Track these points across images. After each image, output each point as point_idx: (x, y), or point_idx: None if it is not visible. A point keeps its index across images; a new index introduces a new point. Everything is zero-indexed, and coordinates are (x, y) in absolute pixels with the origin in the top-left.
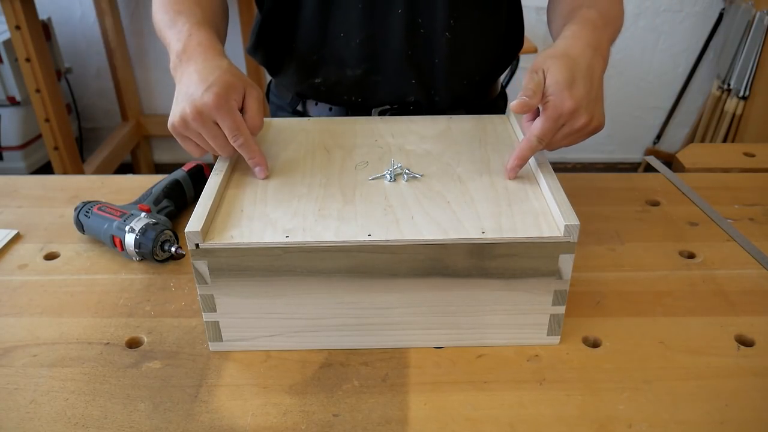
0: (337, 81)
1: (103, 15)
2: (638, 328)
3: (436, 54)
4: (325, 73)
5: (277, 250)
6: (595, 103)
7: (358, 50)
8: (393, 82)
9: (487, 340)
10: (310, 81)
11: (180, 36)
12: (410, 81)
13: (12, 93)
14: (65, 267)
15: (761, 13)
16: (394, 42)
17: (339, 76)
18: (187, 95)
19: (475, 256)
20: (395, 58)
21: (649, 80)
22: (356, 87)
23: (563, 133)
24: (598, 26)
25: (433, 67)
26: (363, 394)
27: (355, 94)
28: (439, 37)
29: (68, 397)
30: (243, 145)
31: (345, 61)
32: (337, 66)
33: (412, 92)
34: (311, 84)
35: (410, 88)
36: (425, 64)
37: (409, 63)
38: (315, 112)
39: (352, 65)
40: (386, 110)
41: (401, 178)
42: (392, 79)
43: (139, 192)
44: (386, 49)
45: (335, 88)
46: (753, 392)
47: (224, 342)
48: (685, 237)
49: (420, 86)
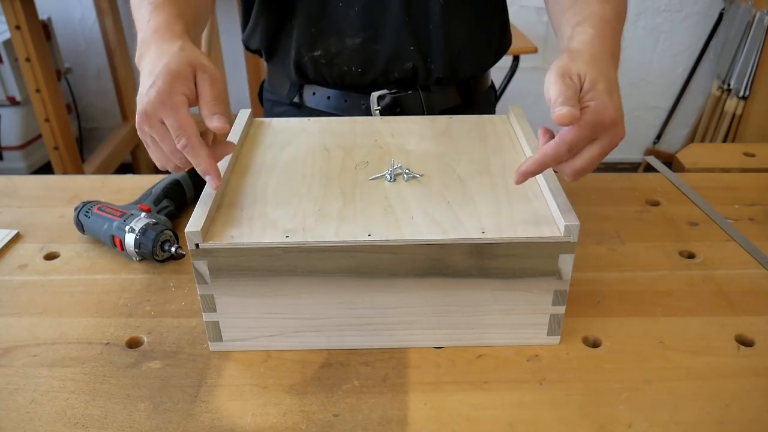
0: (337, 52)
1: (103, 15)
2: (638, 328)
3: (431, 21)
4: (325, 45)
5: (277, 250)
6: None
7: (357, 19)
8: (391, 49)
9: (487, 340)
10: (310, 54)
11: (141, 24)
12: (408, 48)
13: (12, 93)
14: (65, 267)
15: (761, 13)
16: (392, 9)
17: (339, 47)
18: (140, 95)
19: (475, 256)
20: (393, 26)
21: (649, 80)
22: (356, 56)
23: (599, 146)
24: (614, 29)
25: (429, 34)
26: (363, 394)
27: (355, 64)
28: (433, 4)
29: (68, 397)
30: (186, 147)
31: (344, 30)
32: (336, 36)
33: (410, 59)
34: (311, 57)
35: (408, 55)
36: (421, 30)
37: (406, 30)
38: (312, 101)
39: (351, 34)
40: (384, 95)
41: (401, 178)
42: (391, 46)
43: (139, 192)
44: (384, 16)
45: (335, 59)
46: (753, 392)
47: (224, 342)
48: (685, 237)
49: (417, 53)
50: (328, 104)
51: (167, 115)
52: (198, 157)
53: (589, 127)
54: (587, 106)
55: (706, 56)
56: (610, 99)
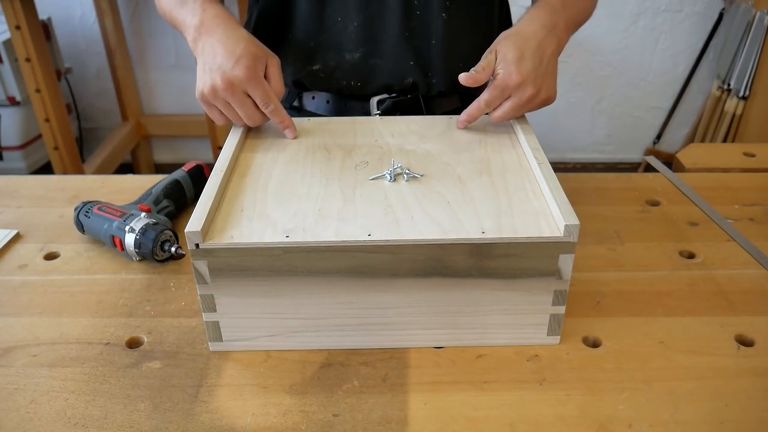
0: (336, 66)
1: (103, 15)
2: (638, 328)
3: (432, 35)
4: (324, 60)
5: (277, 250)
6: (544, 78)
7: (356, 34)
8: (391, 64)
9: (487, 340)
10: (309, 68)
11: (195, 11)
12: (408, 63)
13: (12, 93)
14: (65, 267)
15: (761, 13)
16: (392, 24)
17: (337, 62)
18: (216, 66)
19: (475, 256)
20: (393, 41)
21: (649, 80)
22: (355, 71)
23: (513, 103)
24: (556, 9)
25: (430, 48)
26: (363, 394)
27: (354, 78)
28: (435, 18)
29: (68, 397)
30: (274, 111)
31: (343, 45)
32: (335, 51)
33: (411, 74)
34: (309, 71)
35: (408, 70)
36: (423, 45)
37: (406, 45)
38: (312, 106)
39: (350, 49)
40: (384, 99)
41: (401, 178)
42: (391, 61)
43: (139, 192)
44: (384, 31)
45: (334, 73)
46: (753, 392)
47: (224, 342)
48: (685, 237)
49: (418, 68)
50: (327, 108)
51: (254, 87)
52: (282, 116)
53: (498, 89)
54: (498, 74)
55: (706, 56)
56: (516, 67)
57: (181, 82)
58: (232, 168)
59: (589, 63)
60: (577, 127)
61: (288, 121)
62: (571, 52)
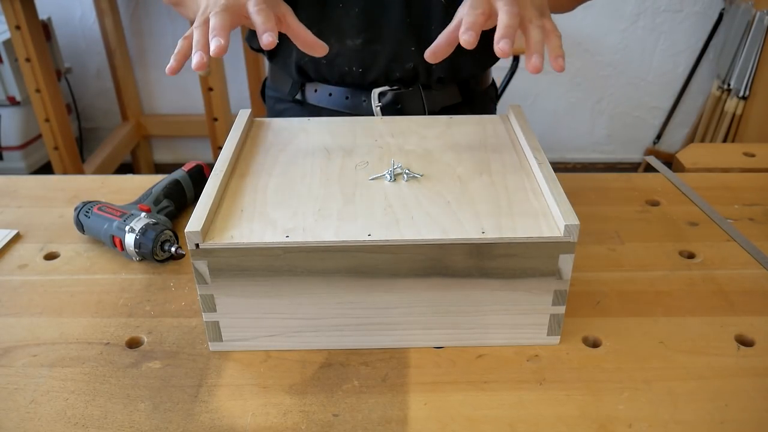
0: (338, 53)
1: (103, 15)
2: (638, 328)
3: (433, 20)
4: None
5: (277, 250)
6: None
7: (358, 20)
8: (392, 50)
9: (487, 340)
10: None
11: None
12: (410, 48)
13: (12, 93)
14: (65, 267)
15: (761, 13)
16: (393, 9)
17: (339, 48)
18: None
19: (475, 256)
20: (394, 26)
21: (649, 80)
22: (356, 57)
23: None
24: None
25: (430, 34)
26: (363, 394)
27: (356, 64)
28: (435, 3)
29: (68, 397)
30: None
31: (344, 31)
32: (336, 37)
33: (411, 59)
34: (312, 58)
35: (409, 55)
36: (423, 30)
37: (408, 30)
38: (314, 99)
39: (351, 35)
40: (386, 92)
41: (401, 178)
42: (392, 47)
43: (139, 192)
44: (385, 17)
45: (335, 59)
46: (753, 392)
47: (224, 342)
48: (685, 237)
49: (418, 53)
50: (329, 101)
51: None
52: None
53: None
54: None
55: (706, 56)
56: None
57: (181, 82)
58: (232, 168)
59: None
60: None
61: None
62: (571, 52)
